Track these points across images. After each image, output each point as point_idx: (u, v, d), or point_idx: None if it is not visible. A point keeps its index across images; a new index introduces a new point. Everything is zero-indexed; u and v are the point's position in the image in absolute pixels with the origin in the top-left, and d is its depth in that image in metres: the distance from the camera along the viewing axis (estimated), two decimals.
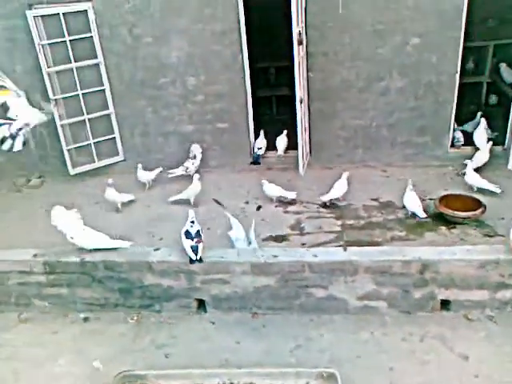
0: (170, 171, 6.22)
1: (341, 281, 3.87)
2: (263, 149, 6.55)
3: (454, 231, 4.87)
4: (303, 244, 4.81)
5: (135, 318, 4.08)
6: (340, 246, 4.55)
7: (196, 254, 3.89)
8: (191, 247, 3.92)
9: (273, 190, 5.61)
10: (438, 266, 3.75)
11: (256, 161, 6.52)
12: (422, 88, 6.00)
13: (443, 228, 4.92)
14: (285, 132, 6.59)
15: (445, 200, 5.13)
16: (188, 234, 3.95)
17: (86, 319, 4.12)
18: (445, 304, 3.88)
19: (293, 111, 6.02)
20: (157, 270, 4.00)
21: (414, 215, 5.07)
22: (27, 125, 4.04)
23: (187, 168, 6.18)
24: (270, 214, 5.41)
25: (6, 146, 4.04)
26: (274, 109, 8.63)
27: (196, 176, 5.67)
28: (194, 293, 4.05)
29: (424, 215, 4.96)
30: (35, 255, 4.13)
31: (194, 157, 6.28)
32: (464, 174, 5.58)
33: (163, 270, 4.00)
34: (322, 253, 3.94)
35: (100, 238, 4.13)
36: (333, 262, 3.84)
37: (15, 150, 4.09)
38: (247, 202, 5.70)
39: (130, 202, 5.80)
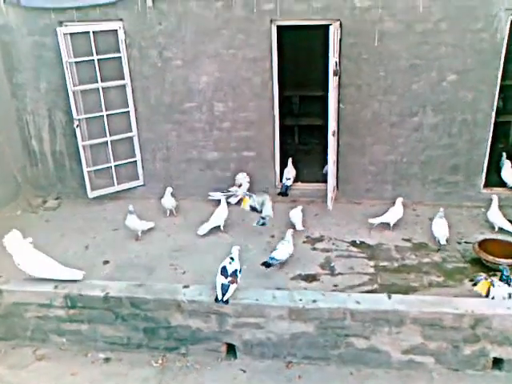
0: (211, 193, 6.05)
1: (384, 331, 3.59)
2: (292, 179, 6.32)
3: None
4: (335, 285, 4.55)
5: (160, 361, 3.78)
6: (373, 290, 4.32)
7: (224, 295, 3.62)
8: (222, 285, 3.66)
9: (294, 216, 5.47)
10: (491, 320, 3.48)
11: (285, 192, 6.25)
12: (456, 125, 5.82)
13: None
14: None
15: (483, 245, 4.89)
16: (224, 271, 3.70)
17: (106, 360, 3.82)
18: (497, 362, 3.59)
19: (315, 141, 5.78)
20: (186, 309, 3.72)
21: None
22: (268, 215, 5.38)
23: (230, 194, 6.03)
24: (297, 250, 5.13)
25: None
26: (296, 138, 8.42)
27: (224, 198, 5.53)
28: (224, 336, 3.77)
29: (444, 243, 5.00)
30: (56, 287, 3.85)
31: (240, 185, 6.09)
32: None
33: (193, 309, 3.72)
34: (365, 300, 3.66)
35: (49, 267, 3.85)
36: (376, 310, 3.57)
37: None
38: (273, 236, 5.44)
39: (150, 229, 5.54)
